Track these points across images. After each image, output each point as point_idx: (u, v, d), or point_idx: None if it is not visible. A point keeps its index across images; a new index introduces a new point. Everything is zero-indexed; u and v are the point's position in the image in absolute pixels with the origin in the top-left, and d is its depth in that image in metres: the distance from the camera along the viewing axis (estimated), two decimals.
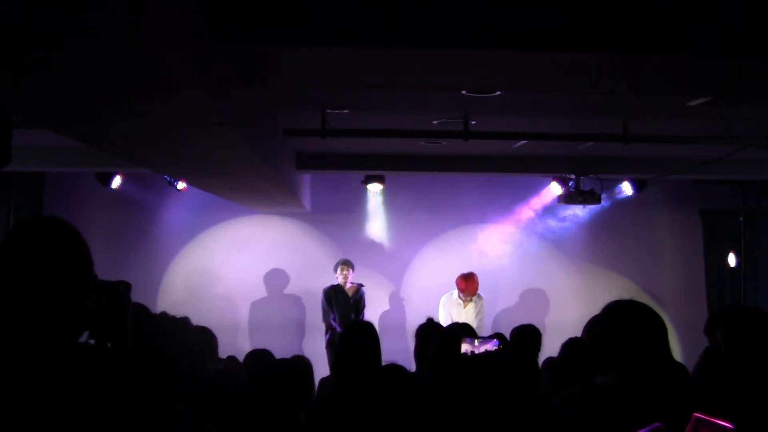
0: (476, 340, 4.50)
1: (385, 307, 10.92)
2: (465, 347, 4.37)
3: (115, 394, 1.88)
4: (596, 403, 2.38)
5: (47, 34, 2.76)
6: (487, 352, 4.27)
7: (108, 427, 1.85)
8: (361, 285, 10.00)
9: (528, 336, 5.67)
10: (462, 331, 4.76)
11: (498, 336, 4.82)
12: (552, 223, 11.02)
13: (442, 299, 10.05)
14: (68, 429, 1.83)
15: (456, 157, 9.30)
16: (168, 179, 9.72)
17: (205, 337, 4.72)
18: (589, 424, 2.54)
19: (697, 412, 2.12)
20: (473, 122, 6.89)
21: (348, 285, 9.94)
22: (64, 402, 1.84)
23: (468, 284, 9.88)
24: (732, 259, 10.69)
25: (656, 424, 2.23)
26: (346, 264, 10.03)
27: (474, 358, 3.87)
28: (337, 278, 9.96)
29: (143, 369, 1.98)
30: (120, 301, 2.06)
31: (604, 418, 2.37)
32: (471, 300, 9.88)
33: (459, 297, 9.93)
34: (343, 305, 9.81)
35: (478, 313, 9.87)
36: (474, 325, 9.66)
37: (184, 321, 3.87)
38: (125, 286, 2.13)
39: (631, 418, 2.39)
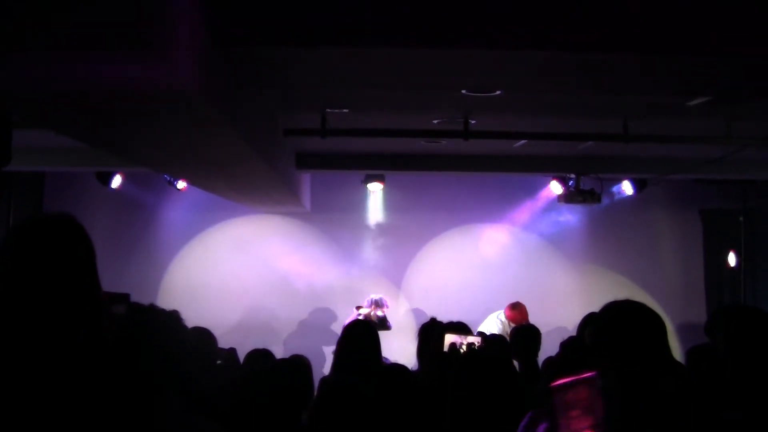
0: (461, 334, 4.57)
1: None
2: (452, 338, 4.43)
3: (109, 393, 1.88)
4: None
5: (48, 33, 2.76)
6: (471, 346, 4.32)
7: (101, 426, 1.85)
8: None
9: (527, 336, 5.67)
10: (457, 328, 4.79)
11: (480, 334, 4.88)
12: (552, 222, 11.02)
13: (493, 316, 9.86)
14: (63, 427, 1.83)
15: (456, 157, 9.30)
16: (168, 179, 9.72)
17: (203, 338, 4.72)
18: None
19: (552, 383, 2.08)
20: (473, 122, 6.89)
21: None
22: (59, 400, 1.84)
23: (514, 313, 9.72)
24: (732, 259, 10.69)
25: (528, 414, 2.20)
26: (377, 304, 9.84)
27: (462, 355, 3.90)
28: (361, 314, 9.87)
29: (135, 367, 1.98)
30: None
31: (605, 420, 2.36)
32: None
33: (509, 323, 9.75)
34: None
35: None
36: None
37: (174, 314, 3.82)
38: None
39: (632, 419, 2.39)
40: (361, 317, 9.67)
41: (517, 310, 9.70)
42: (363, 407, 3.45)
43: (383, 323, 9.70)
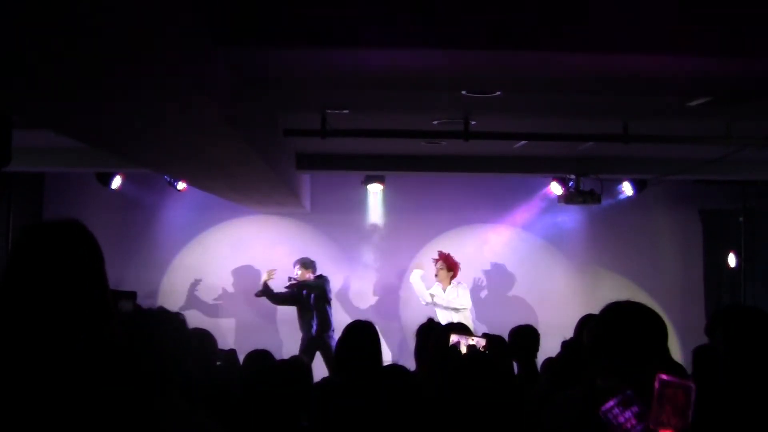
0: (464, 335, 4.57)
1: (385, 307, 10.92)
2: (455, 338, 4.43)
3: (108, 395, 1.88)
4: (597, 406, 2.38)
5: (50, 33, 2.76)
6: (474, 348, 4.32)
7: (101, 429, 1.85)
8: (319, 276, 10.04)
9: (526, 337, 5.66)
10: (457, 329, 4.79)
11: (485, 336, 4.87)
12: (552, 223, 11.01)
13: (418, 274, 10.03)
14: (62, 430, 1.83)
15: (456, 157, 9.30)
16: (168, 179, 9.72)
17: (203, 339, 4.72)
18: (589, 427, 2.54)
19: (661, 374, 2.18)
20: (473, 122, 6.89)
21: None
22: (58, 403, 1.84)
23: (443, 257, 9.89)
24: (732, 259, 10.69)
25: (627, 391, 2.28)
26: (303, 264, 10.05)
27: (461, 358, 3.90)
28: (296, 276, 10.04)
29: (137, 368, 1.98)
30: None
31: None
32: (450, 284, 9.80)
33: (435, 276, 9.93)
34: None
35: (455, 299, 9.72)
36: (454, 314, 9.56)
37: (179, 316, 3.84)
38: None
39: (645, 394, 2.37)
40: (294, 281, 9.78)
41: (443, 254, 9.89)
42: (362, 407, 3.45)
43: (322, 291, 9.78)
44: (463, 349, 4.42)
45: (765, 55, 4.10)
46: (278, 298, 10.09)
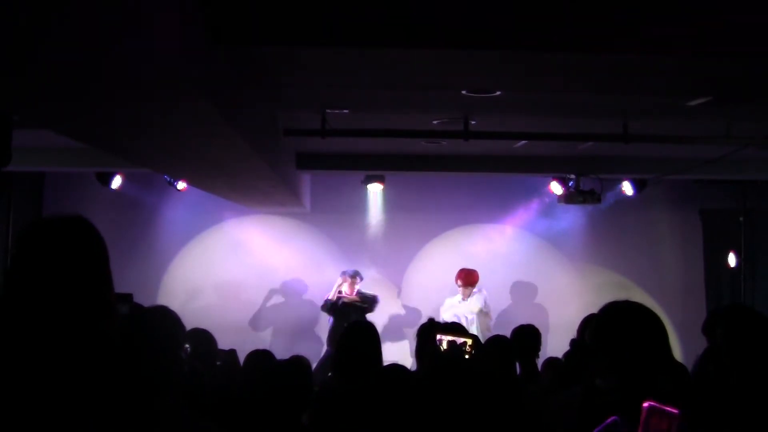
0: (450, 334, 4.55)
1: (385, 307, 10.91)
2: (439, 337, 4.43)
3: (108, 394, 1.88)
4: (596, 405, 2.38)
5: (49, 33, 2.76)
6: (454, 344, 4.30)
7: (101, 428, 1.85)
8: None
9: (528, 336, 5.67)
10: (452, 329, 4.78)
11: (471, 336, 4.87)
12: (552, 223, 11.02)
13: (446, 301, 10.12)
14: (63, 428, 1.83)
15: (456, 157, 9.30)
16: (168, 179, 9.72)
17: (203, 339, 4.73)
18: (589, 426, 2.54)
19: (648, 401, 2.17)
20: (473, 122, 6.89)
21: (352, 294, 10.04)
22: (59, 401, 1.84)
23: (462, 275, 9.96)
24: (732, 259, 10.69)
25: (612, 417, 2.27)
26: (355, 276, 10.10)
27: (440, 356, 3.90)
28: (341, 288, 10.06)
29: (136, 368, 1.98)
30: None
31: (605, 419, 2.37)
32: (470, 295, 9.96)
33: (459, 293, 10.05)
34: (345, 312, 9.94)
35: (477, 307, 9.89)
36: (471, 318, 9.70)
37: (173, 314, 3.83)
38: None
39: (631, 420, 2.39)
40: (346, 298, 9.84)
41: (464, 271, 9.90)
42: (362, 409, 3.45)
43: (372, 300, 9.87)
44: (444, 346, 4.39)
45: (765, 55, 4.10)
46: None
